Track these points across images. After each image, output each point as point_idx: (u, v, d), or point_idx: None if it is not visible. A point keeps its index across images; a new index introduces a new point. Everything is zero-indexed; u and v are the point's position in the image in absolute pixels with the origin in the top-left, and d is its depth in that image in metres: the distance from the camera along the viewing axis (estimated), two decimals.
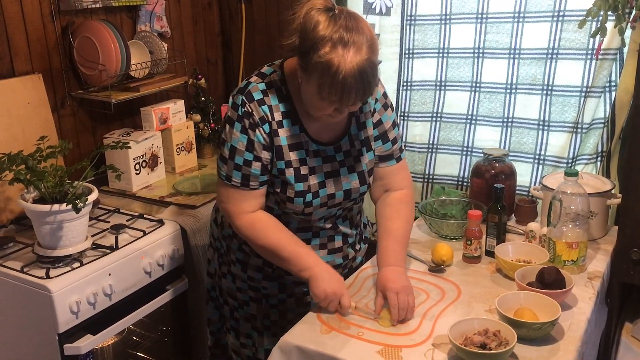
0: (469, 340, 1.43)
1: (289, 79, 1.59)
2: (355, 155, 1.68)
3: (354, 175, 1.67)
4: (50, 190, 1.81)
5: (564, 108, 2.24)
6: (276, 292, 1.78)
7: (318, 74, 1.41)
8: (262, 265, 1.74)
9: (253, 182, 1.59)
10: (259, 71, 1.63)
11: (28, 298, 1.81)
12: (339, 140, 1.66)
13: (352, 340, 1.51)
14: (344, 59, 1.39)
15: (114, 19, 2.54)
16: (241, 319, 1.83)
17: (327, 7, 1.43)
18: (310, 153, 1.62)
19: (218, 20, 3.09)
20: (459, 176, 2.48)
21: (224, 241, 1.81)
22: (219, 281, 1.87)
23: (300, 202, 1.61)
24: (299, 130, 1.60)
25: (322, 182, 1.63)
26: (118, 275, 1.94)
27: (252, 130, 1.55)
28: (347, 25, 1.41)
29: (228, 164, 1.59)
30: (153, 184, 2.48)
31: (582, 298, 1.68)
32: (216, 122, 2.81)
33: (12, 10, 2.18)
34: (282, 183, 1.61)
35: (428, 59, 2.45)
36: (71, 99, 2.42)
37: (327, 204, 1.66)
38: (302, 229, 1.70)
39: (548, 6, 2.17)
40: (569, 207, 1.76)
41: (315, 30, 1.41)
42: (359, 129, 1.68)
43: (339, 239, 1.77)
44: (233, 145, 1.57)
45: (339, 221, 1.75)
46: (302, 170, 1.60)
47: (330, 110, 1.50)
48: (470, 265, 1.89)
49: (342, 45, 1.39)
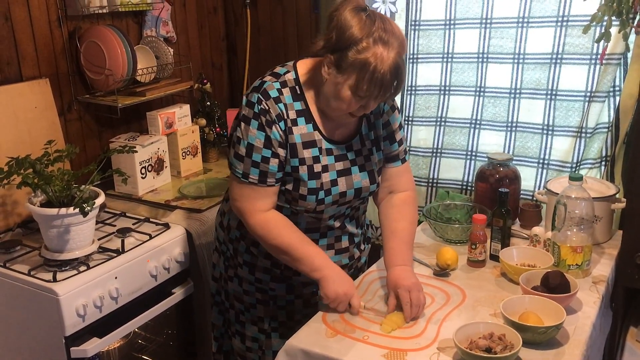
0: (474, 344, 1.44)
1: (302, 79, 1.63)
2: (366, 154, 1.71)
3: (365, 174, 1.71)
4: (58, 194, 1.83)
5: (568, 112, 2.25)
6: (284, 293, 1.79)
7: (356, 70, 1.48)
8: (270, 266, 1.75)
9: (270, 179, 1.61)
10: (271, 71, 1.66)
11: (35, 301, 1.82)
12: (350, 139, 1.70)
13: (357, 344, 1.52)
14: (382, 56, 1.47)
15: (121, 24, 2.56)
16: (247, 322, 1.84)
17: (362, 7, 1.51)
18: (323, 151, 1.65)
19: (223, 25, 3.10)
20: (464, 180, 2.48)
21: (230, 244, 1.82)
22: (225, 285, 1.87)
23: (312, 199, 1.63)
24: (313, 128, 1.63)
25: (335, 180, 1.66)
26: (124, 279, 1.95)
27: (269, 127, 1.57)
28: (383, 24, 1.49)
29: (245, 161, 1.60)
30: (159, 188, 2.49)
31: (587, 302, 1.68)
32: (221, 126, 2.82)
33: (20, 15, 2.20)
34: (295, 181, 1.63)
35: (432, 64, 2.46)
36: (78, 104, 2.43)
37: (339, 202, 1.68)
38: (311, 229, 1.72)
39: (552, 11, 2.18)
40: (573, 212, 1.77)
41: (353, 29, 1.47)
42: (369, 129, 1.72)
43: (346, 238, 1.79)
44: (250, 142, 1.59)
45: (347, 220, 1.77)
46: (315, 167, 1.63)
47: (356, 107, 1.56)
48: (475, 269, 1.89)
49: (381, 43, 1.47)
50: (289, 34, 2.93)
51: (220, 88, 3.15)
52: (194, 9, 2.95)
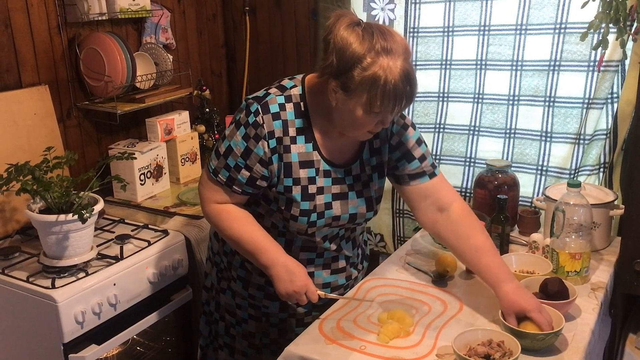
0: (472, 351, 1.44)
1: (308, 95, 1.57)
2: (364, 180, 1.66)
3: (362, 200, 1.66)
4: (57, 200, 1.83)
5: (566, 119, 2.25)
6: (277, 311, 1.74)
7: (367, 89, 1.40)
8: (264, 284, 1.70)
9: (236, 187, 1.58)
10: (279, 83, 1.61)
11: (33, 308, 1.81)
12: (350, 163, 1.64)
13: (354, 354, 1.50)
14: (389, 66, 1.39)
15: (120, 31, 2.57)
16: (238, 336, 1.80)
17: (356, 22, 1.43)
18: (320, 172, 1.60)
19: (222, 32, 3.11)
20: (462, 187, 2.49)
21: (224, 257, 1.78)
22: (217, 296, 1.84)
23: (304, 221, 1.59)
24: (312, 148, 1.58)
25: (329, 203, 1.61)
26: (123, 286, 1.95)
27: (255, 140, 1.53)
28: (382, 34, 1.41)
29: (220, 160, 1.58)
30: (158, 195, 2.50)
31: (586, 309, 1.68)
32: (220, 132, 2.83)
33: (20, 22, 2.20)
34: (287, 201, 1.59)
35: (431, 71, 2.46)
36: (77, 110, 2.44)
37: (331, 225, 1.64)
38: (307, 248, 1.68)
39: (550, 19, 2.19)
40: (571, 218, 1.77)
41: (353, 47, 1.39)
42: (371, 155, 1.67)
43: (342, 259, 1.76)
44: (231, 145, 1.56)
45: (343, 243, 1.74)
46: (310, 189, 1.58)
47: (373, 125, 1.49)
48: (474, 276, 1.88)
49: (384, 53, 1.39)
50: (288, 41, 2.94)
51: (220, 95, 3.15)
52: (193, 16, 2.96)
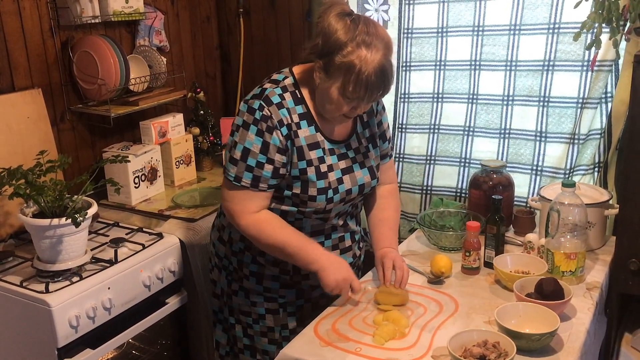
0: (468, 351, 1.43)
1: (300, 83, 1.68)
2: (363, 151, 1.78)
3: (365, 170, 1.78)
4: (50, 204, 1.82)
5: (560, 119, 2.26)
6: (294, 298, 1.82)
7: (342, 73, 1.54)
8: (278, 274, 1.78)
9: (262, 184, 1.64)
10: (269, 78, 1.70)
11: (27, 312, 1.80)
12: (348, 138, 1.76)
13: (349, 356, 1.50)
14: (366, 58, 1.52)
15: (113, 33, 2.56)
16: (257, 335, 1.84)
17: (347, 12, 1.56)
18: (326, 151, 1.70)
19: (217, 35, 3.11)
20: (457, 187, 2.48)
21: (234, 257, 1.82)
22: (229, 301, 1.87)
23: (322, 199, 1.67)
24: (315, 130, 1.68)
25: (340, 179, 1.71)
26: (117, 289, 1.94)
27: (269, 133, 1.60)
28: (367, 28, 1.53)
29: (239, 165, 1.63)
30: (152, 198, 2.49)
31: (581, 309, 1.68)
32: (215, 135, 2.82)
33: (12, 25, 2.19)
34: (303, 183, 1.66)
35: (425, 72, 2.46)
36: (70, 114, 2.43)
37: (345, 199, 1.73)
38: (315, 232, 1.76)
39: (544, 19, 2.19)
40: (566, 218, 1.77)
41: (338, 34, 1.53)
42: (363, 128, 1.80)
43: (348, 237, 1.84)
44: (246, 147, 1.62)
45: (348, 218, 1.83)
46: (321, 168, 1.68)
47: (348, 109, 1.61)
48: (469, 277, 1.89)
49: (364, 46, 1.52)
50: (282, 43, 2.93)
51: (214, 97, 3.15)
52: (187, 18, 2.95)
